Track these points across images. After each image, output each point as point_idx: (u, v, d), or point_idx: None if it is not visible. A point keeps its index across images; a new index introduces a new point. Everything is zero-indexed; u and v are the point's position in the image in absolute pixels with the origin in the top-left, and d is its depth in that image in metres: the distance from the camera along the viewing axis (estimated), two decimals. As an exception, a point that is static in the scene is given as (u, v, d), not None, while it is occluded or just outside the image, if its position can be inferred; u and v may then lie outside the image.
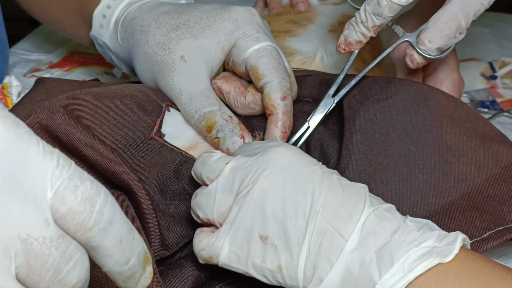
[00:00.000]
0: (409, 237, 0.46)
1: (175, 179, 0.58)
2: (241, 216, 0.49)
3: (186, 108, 0.61)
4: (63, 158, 0.33)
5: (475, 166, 0.57)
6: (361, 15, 0.63)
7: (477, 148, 0.58)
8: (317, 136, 0.63)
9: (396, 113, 0.60)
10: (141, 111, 0.59)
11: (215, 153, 0.53)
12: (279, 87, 0.60)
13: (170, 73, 0.62)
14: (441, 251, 0.45)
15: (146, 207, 0.54)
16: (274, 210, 0.48)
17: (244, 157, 0.51)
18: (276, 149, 0.50)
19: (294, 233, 0.47)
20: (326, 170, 0.50)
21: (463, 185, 0.57)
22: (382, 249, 0.45)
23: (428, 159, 0.58)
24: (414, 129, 0.59)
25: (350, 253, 0.46)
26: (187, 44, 0.62)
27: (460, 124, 0.60)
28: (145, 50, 0.64)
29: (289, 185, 0.48)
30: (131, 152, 0.57)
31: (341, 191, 0.48)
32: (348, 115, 0.61)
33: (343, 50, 0.65)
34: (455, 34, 0.61)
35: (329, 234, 0.46)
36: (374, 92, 0.62)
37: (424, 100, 0.60)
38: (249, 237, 0.48)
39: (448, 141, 0.58)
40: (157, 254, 0.54)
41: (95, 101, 0.57)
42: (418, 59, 0.63)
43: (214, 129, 0.60)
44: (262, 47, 0.62)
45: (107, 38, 0.70)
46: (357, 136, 0.59)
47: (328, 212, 0.47)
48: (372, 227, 0.46)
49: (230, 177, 0.50)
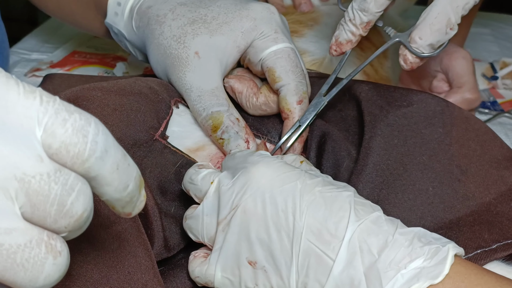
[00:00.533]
0: (398, 255, 0.44)
1: (175, 181, 0.58)
2: (227, 242, 0.49)
3: (195, 105, 0.61)
4: (46, 95, 0.32)
5: (483, 186, 0.57)
6: (349, 13, 0.62)
7: (485, 172, 0.58)
8: (330, 139, 0.62)
9: (414, 122, 0.60)
10: (148, 111, 0.58)
11: (201, 170, 0.53)
12: (296, 91, 0.60)
13: (182, 68, 0.61)
14: (430, 271, 0.43)
15: (150, 208, 0.54)
16: (258, 234, 0.47)
17: (227, 175, 0.51)
18: (255, 168, 0.49)
19: (281, 255, 0.47)
20: (307, 183, 0.48)
21: (471, 203, 0.57)
22: (371, 269, 0.44)
23: (438, 173, 0.57)
24: (428, 142, 0.59)
25: (339, 274, 0.44)
26: (202, 40, 0.61)
27: (469, 146, 0.59)
28: (159, 41, 0.63)
29: (270, 207, 0.47)
30: (134, 151, 0.57)
31: (324, 206, 0.46)
32: (368, 120, 0.60)
33: (334, 52, 0.64)
34: (445, 29, 0.60)
35: (315, 255, 0.45)
36: (395, 98, 0.61)
37: (441, 114, 0.60)
38: (239, 262, 0.48)
39: (457, 160, 0.58)
40: (159, 255, 0.54)
41: (103, 97, 0.57)
42: (411, 58, 0.62)
43: (220, 129, 0.59)
44: (279, 48, 0.61)
45: (121, 26, 0.69)
46: (377, 140, 0.59)
47: (311, 233, 0.46)
48: (358, 244, 0.45)
49: (215, 200, 0.50)
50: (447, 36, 0.61)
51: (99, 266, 0.50)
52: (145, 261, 0.51)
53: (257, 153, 0.51)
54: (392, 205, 0.49)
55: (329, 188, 0.48)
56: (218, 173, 0.52)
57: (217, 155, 0.60)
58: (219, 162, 0.60)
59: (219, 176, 0.51)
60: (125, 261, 0.50)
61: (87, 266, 0.50)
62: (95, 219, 0.53)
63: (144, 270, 0.50)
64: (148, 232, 0.54)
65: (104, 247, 0.51)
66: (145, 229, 0.54)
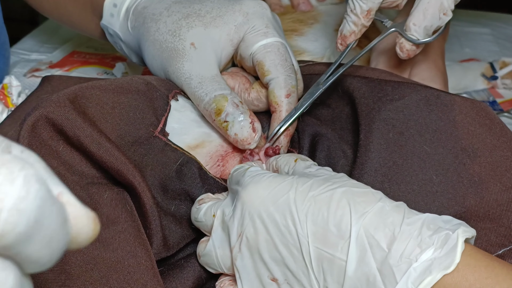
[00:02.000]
0: (408, 247, 0.44)
1: (176, 179, 0.58)
2: (244, 269, 0.50)
3: (196, 92, 0.61)
4: None
5: (490, 168, 0.56)
6: (349, 3, 0.63)
7: (493, 148, 0.57)
8: (324, 138, 0.62)
9: (408, 113, 0.59)
10: (146, 108, 0.58)
11: (202, 206, 0.54)
12: (284, 84, 0.60)
13: (180, 58, 0.62)
14: (441, 262, 0.43)
15: (149, 207, 0.54)
16: (270, 254, 0.48)
17: (228, 203, 0.52)
18: (247, 192, 0.49)
19: (297, 268, 0.47)
20: (300, 191, 0.48)
21: (477, 189, 0.56)
22: (383, 264, 0.44)
23: (442, 160, 0.57)
24: (427, 129, 0.58)
25: (353, 273, 0.45)
26: (197, 32, 0.63)
27: (476, 122, 0.59)
28: (155, 37, 0.64)
29: (271, 226, 0.48)
30: (135, 149, 0.57)
31: (321, 210, 0.47)
32: (363, 117, 0.60)
33: (340, 46, 0.65)
34: (439, 14, 0.61)
35: (327, 259, 0.46)
36: (386, 92, 0.62)
37: (437, 99, 0.60)
38: (263, 283, 0.49)
39: (464, 141, 0.57)
40: (158, 254, 0.54)
41: (101, 96, 0.57)
42: (407, 45, 0.63)
43: (224, 112, 0.59)
44: (269, 42, 0.62)
45: (117, 27, 0.70)
46: (374, 136, 0.59)
47: (317, 239, 0.46)
48: (367, 240, 0.45)
49: (222, 232, 0.51)
50: (440, 21, 0.62)
51: (98, 266, 0.50)
52: (145, 261, 0.51)
53: (248, 172, 0.52)
54: (396, 198, 0.49)
55: (323, 189, 0.48)
56: (219, 203, 0.52)
57: (217, 153, 0.60)
58: (219, 160, 0.60)
59: (220, 207, 0.52)
60: (124, 261, 0.50)
61: (87, 266, 0.50)
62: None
63: (143, 270, 0.50)
64: (146, 231, 0.54)
65: (103, 247, 0.51)
66: (144, 228, 0.54)
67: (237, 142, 0.59)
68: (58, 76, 0.72)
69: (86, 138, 0.53)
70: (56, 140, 0.54)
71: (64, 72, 0.91)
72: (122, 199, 0.54)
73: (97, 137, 0.53)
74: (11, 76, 0.82)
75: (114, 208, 0.53)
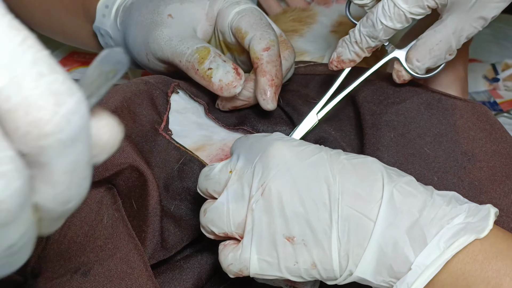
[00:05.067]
0: (439, 212, 0.45)
1: (178, 178, 0.57)
2: (260, 222, 0.47)
3: (178, 48, 0.62)
4: (33, 39, 0.25)
5: (490, 173, 0.57)
6: (356, 35, 0.61)
7: (492, 154, 0.57)
8: (327, 142, 0.62)
9: (409, 116, 0.60)
10: (148, 106, 0.59)
11: (215, 165, 0.52)
12: (261, 39, 0.60)
13: (159, 27, 0.64)
14: (475, 226, 0.44)
15: (151, 206, 0.54)
16: (293, 208, 0.46)
17: (245, 160, 0.49)
18: (275, 145, 0.48)
19: (319, 225, 0.46)
20: (332, 153, 0.48)
21: (477, 192, 0.56)
22: (413, 227, 0.44)
23: (443, 163, 0.57)
24: (428, 132, 0.58)
25: (380, 234, 0.44)
26: (174, 6, 0.65)
27: (477, 127, 0.59)
28: (137, 20, 0.67)
29: (301, 180, 0.47)
30: (141, 146, 0.57)
31: (355, 172, 0.47)
32: (368, 120, 0.60)
33: (335, 68, 0.63)
34: (445, 55, 0.59)
35: (355, 219, 0.45)
36: (387, 95, 0.61)
37: (439, 103, 0.60)
38: (275, 241, 0.47)
39: (464, 145, 0.58)
40: (156, 255, 0.54)
41: (108, 97, 0.58)
42: (406, 76, 0.62)
43: (207, 60, 0.60)
44: (242, 8, 0.64)
45: (108, 26, 0.72)
46: (381, 143, 0.59)
47: (348, 197, 0.46)
48: (397, 205, 0.45)
49: (239, 186, 0.48)
50: (445, 60, 0.60)
51: (89, 277, 0.50)
52: (138, 266, 0.51)
53: (273, 134, 0.51)
54: None
55: (353, 156, 0.48)
56: (235, 163, 0.50)
57: (217, 156, 0.60)
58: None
59: (237, 164, 0.50)
60: (117, 267, 0.50)
61: (76, 276, 0.50)
62: (81, 228, 0.53)
63: (137, 275, 0.50)
64: (142, 234, 0.54)
65: (93, 257, 0.51)
66: (140, 228, 0.54)
67: (222, 88, 0.59)
68: None
69: None
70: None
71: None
72: (113, 195, 0.54)
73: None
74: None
75: (102, 209, 0.53)
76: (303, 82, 0.68)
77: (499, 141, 0.58)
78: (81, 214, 0.53)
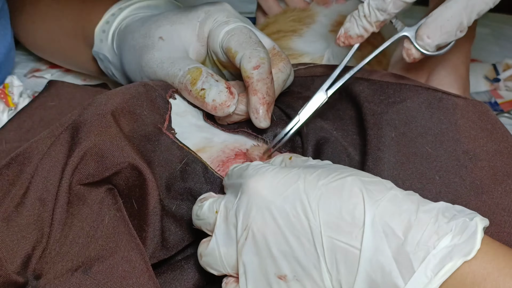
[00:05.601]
0: (425, 234, 0.43)
1: (180, 179, 0.58)
2: (250, 264, 0.48)
3: (170, 70, 0.62)
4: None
5: (492, 172, 0.56)
6: (365, 9, 0.61)
7: (494, 153, 0.57)
8: (328, 142, 0.62)
9: (410, 115, 0.60)
10: (150, 107, 0.59)
11: (204, 203, 0.52)
12: (250, 57, 0.60)
13: (150, 50, 0.65)
14: (462, 248, 0.42)
15: (152, 208, 0.54)
16: (279, 248, 0.46)
17: (230, 198, 0.50)
18: (251, 182, 0.48)
19: (308, 261, 0.46)
20: (310, 179, 0.47)
21: (479, 192, 0.56)
22: (399, 252, 0.43)
23: (444, 162, 0.57)
24: (429, 131, 0.58)
25: (367, 261, 0.44)
26: (164, 29, 0.66)
27: (478, 126, 0.59)
28: (130, 44, 0.68)
29: (281, 217, 0.46)
30: (144, 145, 0.57)
31: (334, 198, 0.46)
32: (370, 120, 0.60)
33: (342, 43, 0.63)
34: (456, 32, 0.59)
35: (340, 250, 0.45)
36: (388, 95, 0.61)
37: (440, 103, 0.60)
38: (269, 280, 0.47)
39: (465, 145, 0.57)
40: (156, 255, 0.54)
41: (107, 99, 0.58)
42: (416, 54, 0.62)
43: (200, 81, 0.60)
44: (231, 28, 0.64)
45: (106, 50, 0.74)
46: (383, 143, 0.59)
47: (329, 228, 0.45)
48: (381, 228, 0.44)
49: (225, 228, 0.49)
50: (455, 37, 0.60)
51: (89, 274, 0.50)
52: (139, 265, 0.51)
53: (251, 165, 0.51)
54: None
55: (332, 177, 0.47)
56: (221, 199, 0.51)
57: (218, 158, 0.60)
58: (220, 165, 0.60)
59: (222, 202, 0.50)
60: (118, 267, 0.50)
61: (76, 274, 0.50)
62: (82, 229, 0.53)
63: (138, 274, 0.50)
64: (143, 233, 0.54)
65: (94, 255, 0.51)
66: (140, 227, 0.54)
67: (216, 108, 0.59)
68: (65, 84, 0.76)
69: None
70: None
71: (63, 73, 0.91)
72: (114, 196, 0.54)
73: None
74: (13, 76, 0.82)
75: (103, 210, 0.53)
76: (304, 84, 0.68)
77: (500, 140, 0.58)
78: (82, 215, 0.53)
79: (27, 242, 0.52)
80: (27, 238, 0.52)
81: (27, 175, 0.54)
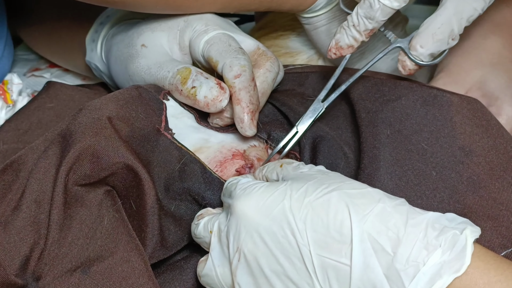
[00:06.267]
0: (414, 250, 0.43)
1: (178, 179, 0.58)
2: (245, 284, 0.48)
3: (159, 74, 0.63)
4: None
5: (488, 167, 0.57)
6: (353, 18, 0.61)
7: (489, 149, 0.58)
8: (324, 141, 0.62)
9: (405, 113, 0.60)
10: (145, 109, 0.60)
11: (200, 222, 0.53)
12: (231, 66, 0.61)
13: (135, 59, 0.66)
14: (452, 265, 0.42)
15: (149, 207, 0.54)
16: (271, 268, 0.47)
17: (223, 217, 0.51)
18: (239, 205, 0.48)
19: (301, 279, 0.46)
20: (295, 198, 0.47)
21: (476, 187, 0.56)
22: (389, 269, 0.43)
23: (440, 158, 0.57)
24: (425, 128, 0.59)
25: (359, 278, 0.44)
26: (146, 36, 0.67)
27: (473, 123, 0.59)
28: (116, 55, 0.69)
29: (269, 238, 0.47)
30: (143, 145, 0.57)
31: (320, 215, 0.46)
32: (364, 118, 0.61)
33: (333, 55, 0.64)
34: (448, 40, 0.60)
35: (331, 266, 0.45)
36: (383, 93, 0.62)
37: (434, 100, 0.60)
38: None
39: (461, 141, 0.58)
40: (155, 255, 0.54)
41: (104, 103, 0.59)
42: (410, 65, 0.62)
43: (190, 79, 0.61)
44: (210, 37, 0.64)
45: (96, 59, 0.74)
46: (378, 140, 0.59)
47: (318, 247, 0.45)
48: (370, 245, 0.44)
49: (220, 248, 0.50)
50: (448, 46, 0.60)
51: (90, 275, 0.50)
52: (139, 265, 0.51)
53: (239, 185, 0.51)
54: (396, 193, 0.49)
55: (319, 193, 0.47)
56: (216, 217, 0.52)
57: (215, 159, 0.60)
58: (217, 166, 0.60)
59: (216, 222, 0.51)
60: (118, 267, 0.51)
61: (76, 273, 0.50)
62: (81, 231, 0.53)
63: (138, 274, 0.51)
64: (141, 233, 0.54)
65: (94, 256, 0.51)
66: (139, 227, 0.54)
67: (209, 104, 0.59)
68: (63, 85, 0.76)
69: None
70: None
71: (63, 72, 0.91)
72: (113, 197, 0.55)
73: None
74: (13, 74, 0.82)
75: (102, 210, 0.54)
76: (298, 81, 0.69)
77: (495, 136, 0.58)
78: (81, 216, 0.53)
79: (25, 244, 0.52)
80: (25, 240, 0.52)
81: (23, 179, 0.55)
